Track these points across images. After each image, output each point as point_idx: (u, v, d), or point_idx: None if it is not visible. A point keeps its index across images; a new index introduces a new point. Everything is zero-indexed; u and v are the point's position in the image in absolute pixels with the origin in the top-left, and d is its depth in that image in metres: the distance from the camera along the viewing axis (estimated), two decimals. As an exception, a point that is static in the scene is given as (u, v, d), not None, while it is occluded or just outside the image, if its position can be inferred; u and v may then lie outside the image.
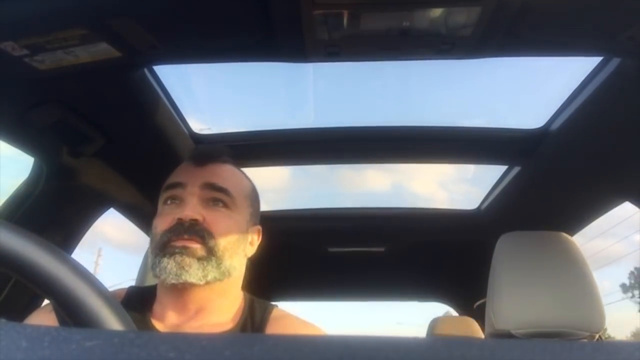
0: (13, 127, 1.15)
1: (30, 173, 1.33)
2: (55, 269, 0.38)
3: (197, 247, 0.86)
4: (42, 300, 1.32)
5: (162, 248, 0.87)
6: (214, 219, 0.89)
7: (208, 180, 0.91)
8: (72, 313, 0.38)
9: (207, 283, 0.86)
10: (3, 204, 1.31)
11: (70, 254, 1.46)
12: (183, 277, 0.84)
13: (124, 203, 1.64)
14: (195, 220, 0.87)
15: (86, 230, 1.52)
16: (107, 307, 0.38)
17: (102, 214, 1.56)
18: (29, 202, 1.30)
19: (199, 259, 0.85)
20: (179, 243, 0.86)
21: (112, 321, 0.38)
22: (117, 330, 0.37)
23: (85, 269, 0.40)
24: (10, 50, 0.90)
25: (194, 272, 0.85)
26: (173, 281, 0.85)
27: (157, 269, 0.86)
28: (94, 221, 1.54)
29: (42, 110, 1.12)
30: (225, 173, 0.96)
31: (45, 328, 0.27)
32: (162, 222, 0.89)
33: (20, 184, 1.33)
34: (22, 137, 1.20)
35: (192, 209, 0.87)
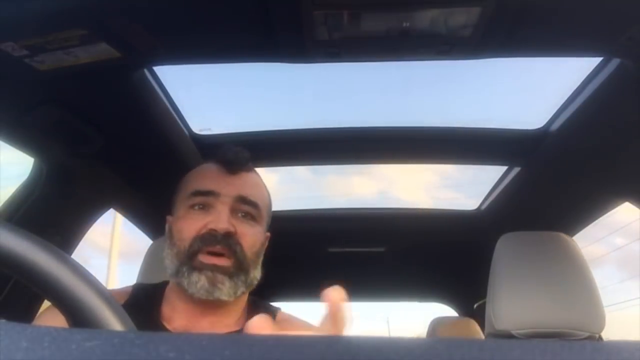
0: (13, 127, 1.15)
1: (30, 173, 1.32)
2: (54, 269, 0.38)
3: (228, 265, 0.85)
4: (42, 300, 1.32)
5: (191, 258, 0.85)
6: (244, 231, 0.88)
7: (242, 193, 0.90)
8: (71, 313, 0.38)
9: (236, 298, 0.86)
10: (3, 204, 1.31)
11: (70, 254, 1.46)
12: (215, 295, 0.83)
13: (124, 203, 1.64)
14: (230, 232, 0.86)
15: (86, 231, 1.52)
16: (106, 307, 0.38)
17: (102, 214, 1.56)
18: (28, 202, 1.30)
19: (231, 275, 0.85)
20: (209, 260, 0.84)
21: (112, 321, 0.38)
22: (117, 331, 0.37)
23: (84, 269, 0.40)
24: (10, 50, 0.90)
25: (226, 290, 0.84)
26: (203, 297, 0.84)
27: (185, 282, 0.84)
28: (94, 221, 1.54)
29: (42, 110, 1.12)
30: (255, 184, 0.95)
31: (45, 328, 0.27)
32: (190, 228, 0.86)
33: (20, 185, 1.33)
34: (22, 137, 1.20)
35: (227, 221, 0.86)
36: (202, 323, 0.88)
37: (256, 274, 0.91)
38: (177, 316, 0.89)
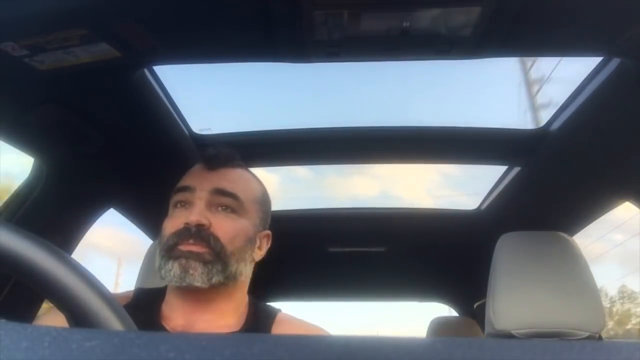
0: (13, 127, 1.15)
1: (30, 173, 1.32)
2: (55, 269, 0.38)
3: (203, 252, 0.86)
4: (42, 300, 1.32)
5: (168, 251, 0.87)
6: (221, 223, 0.89)
7: (217, 185, 0.91)
8: (72, 313, 0.38)
9: (212, 286, 0.86)
10: (3, 204, 1.31)
11: (71, 254, 1.46)
12: (187, 280, 0.85)
13: (124, 203, 1.64)
14: (202, 225, 0.87)
15: (86, 231, 1.52)
16: (107, 307, 0.38)
17: (102, 214, 1.56)
18: (29, 202, 1.30)
19: (205, 262, 0.86)
20: (185, 248, 0.86)
21: (113, 321, 0.38)
22: (117, 331, 0.37)
23: (85, 269, 0.40)
24: (10, 50, 0.90)
25: (198, 276, 0.85)
26: (177, 284, 0.86)
27: (163, 272, 0.87)
28: (94, 221, 1.54)
29: (42, 110, 1.12)
30: (235, 177, 0.95)
31: (45, 328, 0.27)
32: (170, 226, 0.90)
33: (20, 184, 1.33)
34: (22, 137, 1.20)
35: (199, 213, 0.88)
36: (199, 323, 0.89)
37: (241, 268, 0.91)
38: (175, 315, 0.91)
